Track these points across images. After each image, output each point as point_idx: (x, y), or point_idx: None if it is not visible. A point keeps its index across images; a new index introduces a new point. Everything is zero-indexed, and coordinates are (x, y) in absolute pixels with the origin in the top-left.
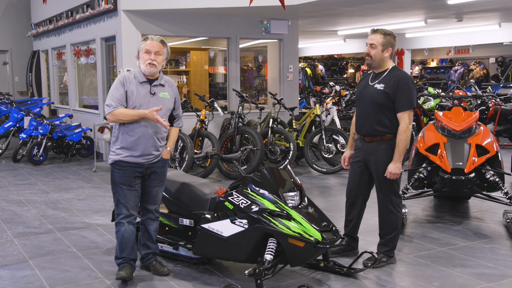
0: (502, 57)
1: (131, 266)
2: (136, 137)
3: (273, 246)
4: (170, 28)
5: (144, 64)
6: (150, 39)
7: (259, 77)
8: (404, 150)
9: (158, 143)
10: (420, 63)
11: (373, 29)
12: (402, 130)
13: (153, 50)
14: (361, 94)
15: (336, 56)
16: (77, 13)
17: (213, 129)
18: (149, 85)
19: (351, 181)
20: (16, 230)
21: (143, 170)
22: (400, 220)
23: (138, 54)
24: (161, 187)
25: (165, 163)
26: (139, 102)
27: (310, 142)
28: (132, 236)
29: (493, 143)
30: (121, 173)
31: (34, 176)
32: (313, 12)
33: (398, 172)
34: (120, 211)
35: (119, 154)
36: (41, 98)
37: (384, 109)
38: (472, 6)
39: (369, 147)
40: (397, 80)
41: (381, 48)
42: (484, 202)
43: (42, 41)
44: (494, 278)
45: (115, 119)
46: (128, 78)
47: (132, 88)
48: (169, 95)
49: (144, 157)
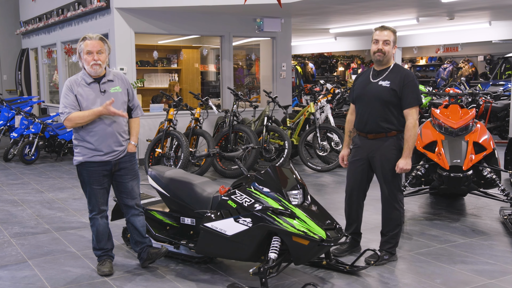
0: (491, 55)
1: (111, 259)
2: (98, 136)
3: (277, 244)
4: (163, 26)
5: (89, 66)
6: (89, 38)
7: (250, 75)
8: (413, 146)
9: (121, 138)
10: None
11: (383, 26)
12: (411, 125)
13: (94, 50)
14: (363, 91)
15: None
16: (68, 11)
17: (207, 127)
18: (97, 84)
19: (352, 179)
20: (12, 230)
21: (111, 167)
22: (403, 216)
23: (79, 56)
24: (135, 180)
25: (132, 157)
26: (91, 103)
27: (304, 140)
28: (106, 228)
29: (490, 140)
30: (89, 173)
31: (27, 175)
32: (307, 10)
33: (409, 168)
34: (93, 208)
35: (84, 155)
36: (31, 97)
37: (391, 106)
38: (464, 4)
39: (373, 144)
40: (403, 77)
41: (392, 45)
42: (479, 199)
43: (31, 39)
44: (495, 275)
45: (72, 124)
46: (75, 81)
47: (80, 91)
48: (121, 88)
49: (109, 155)
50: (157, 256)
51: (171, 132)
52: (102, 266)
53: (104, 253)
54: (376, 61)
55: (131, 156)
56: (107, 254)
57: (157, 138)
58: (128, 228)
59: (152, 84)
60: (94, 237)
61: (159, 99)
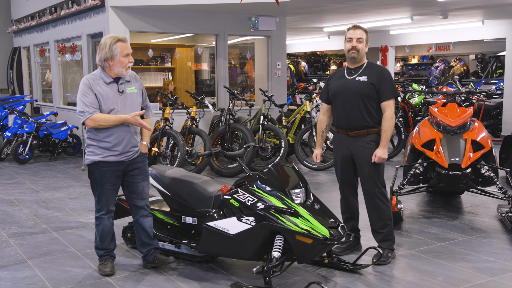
0: (482, 54)
1: (112, 259)
2: (114, 136)
3: (281, 243)
4: (158, 24)
5: (124, 68)
6: (124, 40)
7: (243, 74)
8: (390, 136)
9: (136, 138)
10: (402, 60)
11: (355, 25)
12: (389, 117)
13: (130, 52)
14: (340, 88)
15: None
16: (61, 9)
17: (202, 126)
18: (116, 84)
19: (343, 178)
20: (10, 230)
21: (124, 167)
22: (391, 210)
23: (112, 57)
24: (146, 181)
25: (145, 157)
26: (110, 103)
27: (300, 138)
28: (111, 229)
29: (487, 139)
30: (102, 173)
31: (21, 175)
32: (302, 8)
33: (386, 157)
34: (101, 207)
35: (98, 155)
36: (23, 96)
37: (370, 100)
38: (459, 3)
39: (354, 141)
40: (379, 71)
41: (365, 43)
42: (476, 197)
43: (23, 37)
44: (497, 272)
45: (95, 124)
46: (94, 80)
47: (100, 90)
48: (136, 89)
49: (124, 155)
50: (163, 264)
51: (167, 131)
52: (103, 266)
53: (106, 253)
54: (351, 58)
55: (143, 156)
56: (109, 254)
57: (154, 137)
58: (136, 229)
59: (146, 83)
60: (98, 237)
61: (153, 97)
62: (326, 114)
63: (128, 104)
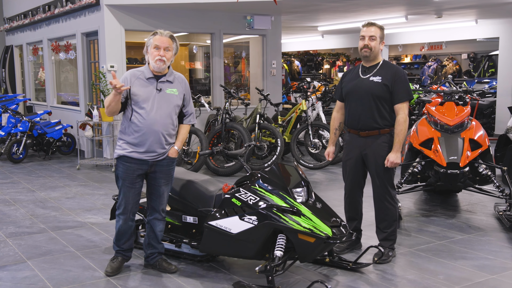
0: (474, 53)
1: (124, 258)
2: (142, 132)
3: (283, 242)
4: (154, 23)
5: (154, 60)
6: (160, 34)
7: (236, 73)
8: (403, 140)
9: (164, 140)
10: (394, 59)
11: (369, 22)
12: (402, 120)
13: (162, 46)
14: (354, 87)
15: (312, 52)
16: (55, 7)
17: (198, 125)
18: (155, 81)
19: (350, 179)
20: (7, 230)
21: (147, 167)
22: (400, 212)
23: (146, 49)
24: (168, 186)
25: (171, 162)
26: (143, 99)
27: (296, 138)
28: (129, 230)
29: (485, 137)
30: (124, 168)
31: (16, 174)
32: (298, 7)
33: (399, 162)
34: (120, 205)
35: (124, 149)
36: (16, 95)
37: (383, 101)
38: (453, 3)
39: (366, 141)
40: (394, 72)
41: (379, 41)
42: (473, 196)
43: (16, 36)
44: (496, 270)
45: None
46: (135, 74)
47: (137, 83)
48: (178, 92)
49: (149, 154)
50: (164, 271)
51: None
52: (111, 262)
53: (119, 251)
54: (364, 57)
55: (170, 160)
56: (122, 253)
57: None
58: (146, 228)
59: None
60: (116, 234)
61: None
62: (340, 111)
63: (164, 103)
